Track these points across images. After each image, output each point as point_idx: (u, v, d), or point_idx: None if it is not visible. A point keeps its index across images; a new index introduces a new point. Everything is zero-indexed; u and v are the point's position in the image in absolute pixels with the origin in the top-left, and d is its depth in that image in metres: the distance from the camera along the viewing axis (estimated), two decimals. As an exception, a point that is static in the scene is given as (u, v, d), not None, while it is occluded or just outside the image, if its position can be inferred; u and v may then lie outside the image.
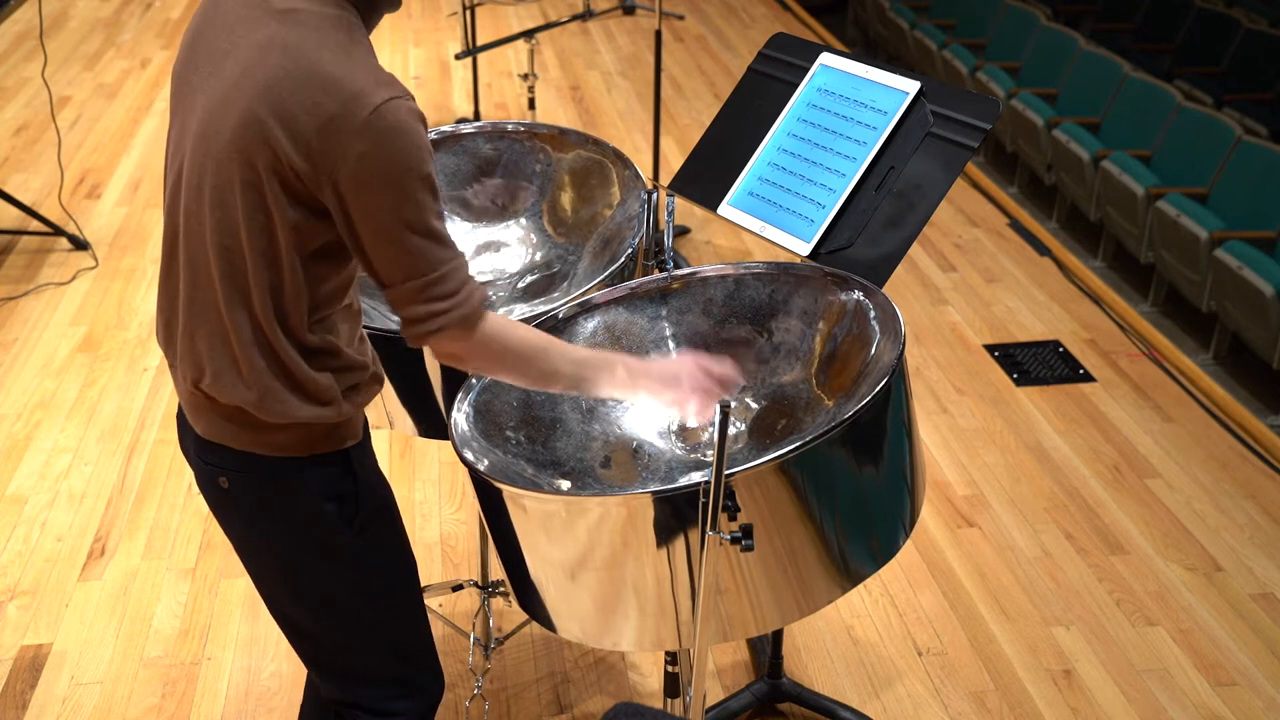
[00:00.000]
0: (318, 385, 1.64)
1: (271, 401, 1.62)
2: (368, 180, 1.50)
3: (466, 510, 3.21)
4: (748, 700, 2.55)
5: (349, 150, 1.49)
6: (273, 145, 1.50)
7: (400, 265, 1.56)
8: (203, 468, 1.73)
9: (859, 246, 2.09)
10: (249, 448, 1.67)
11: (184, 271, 1.65)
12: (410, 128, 1.51)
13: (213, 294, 1.61)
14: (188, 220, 1.62)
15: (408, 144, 1.51)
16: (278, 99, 1.50)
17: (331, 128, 1.49)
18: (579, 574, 1.68)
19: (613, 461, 1.96)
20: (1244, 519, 3.23)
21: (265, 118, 1.50)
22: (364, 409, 1.76)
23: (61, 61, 6.55)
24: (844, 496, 1.69)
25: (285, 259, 1.57)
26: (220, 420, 1.67)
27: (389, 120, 1.49)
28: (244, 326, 1.60)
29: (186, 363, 1.67)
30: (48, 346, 3.91)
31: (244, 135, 1.52)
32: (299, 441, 1.67)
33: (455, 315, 1.59)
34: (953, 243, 4.79)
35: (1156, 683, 2.70)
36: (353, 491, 1.73)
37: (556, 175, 2.44)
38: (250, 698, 2.63)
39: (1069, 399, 3.75)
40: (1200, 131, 5.06)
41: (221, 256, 1.59)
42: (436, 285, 1.57)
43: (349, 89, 1.49)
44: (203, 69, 1.61)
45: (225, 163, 1.54)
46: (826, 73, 2.26)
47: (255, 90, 1.51)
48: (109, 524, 3.13)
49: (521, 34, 4.45)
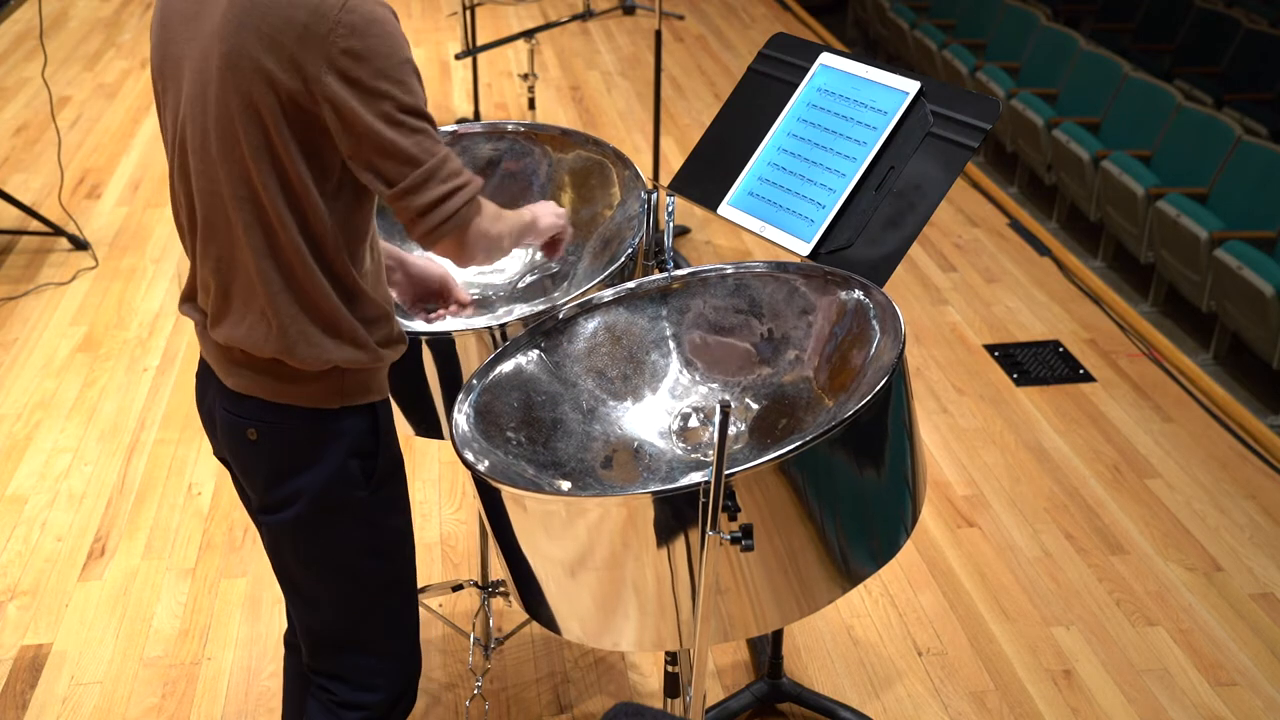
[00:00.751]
0: (353, 325, 1.68)
1: (305, 346, 1.66)
2: (357, 74, 1.54)
3: (466, 510, 3.21)
4: (748, 700, 2.55)
5: (330, 52, 1.53)
6: (263, 75, 1.54)
7: (405, 155, 1.58)
8: (230, 420, 1.76)
9: (859, 246, 2.09)
10: (282, 399, 1.71)
11: (203, 233, 1.68)
12: (381, 15, 1.56)
13: (240, 250, 1.64)
14: (200, 181, 1.65)
15: (383, 31, 1.55)
16: (253, 29, 1.54)
17: (307, 36, 1.52)
18: (579, 574, 1.68)
19: (613, 462, 1.96)
20: (1244, 519, 3.23)
21: (251, 50, 1.54)
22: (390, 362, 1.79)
23: (61, 61, 6.55)
24: (844, 496, 1.69)
25: (304, 196, 1.60)
26: (254, 373, 1.71)
27: (359, 13, 1.53)
28: (273, 275, 1.63)
29: (220, 321, 1.71)
30: (48, 346, 3.91)
31: (234, 77, 1.55)
32: (332, 391, 1.71)
33: (472, 189, 1.65)
34: (953, 243, 4.79)
35: (1156, 683, 2.70)
36: (374, 448, 1.77)
37: (556, 175, 2.44)
38: (250, 698, 2.63)
39: (1069, 399, 3.75)
40: (1200, 131, 5.06)
41: (241, 208, 1.62)
42: (446, 164, 1.62)
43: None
44: (180, 37, 1.64)
45: (224, 111, 1.58)
46: (826, 73, 2.26)
47: (231, 32, 1.55)
48: (109, 524, 3.13)
49: (521, 34, 4.45)
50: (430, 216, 1.63)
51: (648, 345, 2.09)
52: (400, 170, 1.59)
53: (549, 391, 1.99)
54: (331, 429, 1.74)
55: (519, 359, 1.99)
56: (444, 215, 1.63)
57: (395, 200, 1.61)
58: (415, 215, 1.62)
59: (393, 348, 1.77)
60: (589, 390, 2.03)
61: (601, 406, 2.02)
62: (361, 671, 1.90)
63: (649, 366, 2.08)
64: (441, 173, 1.61)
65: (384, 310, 1.75)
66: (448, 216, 1.63)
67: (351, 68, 1.53)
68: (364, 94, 1.54)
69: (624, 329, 2.09)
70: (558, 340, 2.04)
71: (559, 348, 2.03)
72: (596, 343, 2.07)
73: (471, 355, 2.04)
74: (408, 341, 1.82)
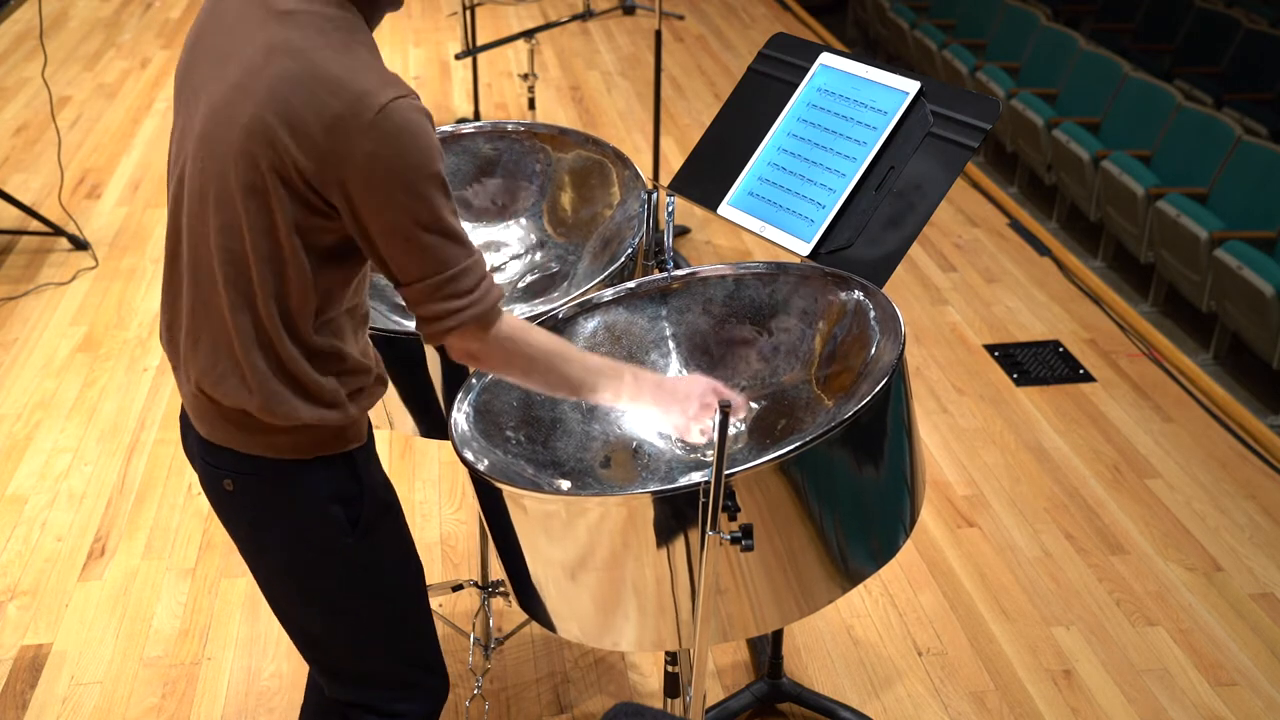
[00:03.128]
0: (321, 388, 1.64)
1: (275, 404, 1.62)
2: (377, 181, 1.50)
3: (466, 510, 3.21)
4: (748, 700, 2.55)
5: (356, 150, 1.48)
6: (278, 148, 1.50)
7: (415, 263, 1.55)
8: (207, 469, 1.73)
9: (859, 246, 2.09)
10: (253, 450, 1.67)
11: (187, 275, 1.64)
12: (417, 126, 1.50)
13: (216, 297, 1.61)
14: (191, 222, 1.62)
15: (415, 143, 1.50)
16: (282, 101, 1.49)
17: (338, 127, 1.48)
18: (579, 574, 1.68)
19: (613, 461, 1.96)
20: (1244, 519, 3.23)
21: (270, 121, 1.50)
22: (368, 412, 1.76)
23: (61, 61, 6.55)
24: (844, 496, 1.69)
25: (290, 262, 1.57)
26: (224, 423, 1.67)
27: (396, 120, 1.48)
28: (247, 330, 1.60)
29: (190, 366, 1.67)
30: (48, 346, 3.91)
31: (248, 139, 1.51)
32: (303, 444, 1.67)
33: (472, 313, 1.59)
34: (953, 243, 4.79)
35: (1156, 683, 2.70)
36: (357, 494, 1.73)
37: (556, 175, 2.44)
38: (250, 698, 2.63)
39: (1069, 399, 3.75)
40: (1200, 131, 5.06)
41: (225, 260, 1.58)
42: (452, 283, 1.57)
43: (354, 89, 1.49)
44: (204, 70, 1.60)
45: (229, 166, 1.54)
46: (826, 73, 2.26)
47: (259, 94, 1.51)
48: (109, 524, 3.13)
49: (521, 34, 4.46)
50: (424, 327, 1.61)
51: (648, 345, 2.09)
52: (406, 273, 1.56)
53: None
54: (308, 478, 1.69)
55: (519, 359, 1.99)
56: (435, 330, 1.60)
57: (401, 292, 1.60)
58: (420, 319, 1.61)
59: (367, 397, 1.73)
60: (589, 390, 2.02)
61: (601, 406, 2.02)
62: (384, 700, 1.86)
63: (649, 366, 2.08)
64: (443, 290, 1.57)
65: (360, 364, 1.70)
66: (439, 332, 1.60)
67: (374, 172, 1.49)
68: (381, 200, 1.50)
69: (624, 329, 2.09)
70: (558, 340, 2.04)
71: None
72: (596, 342, 2.07)
73: (471, 355, 2.03)
74: (388, 383, 1.79)
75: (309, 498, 1.70)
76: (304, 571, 1.76)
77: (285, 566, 1.76)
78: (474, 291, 1.59)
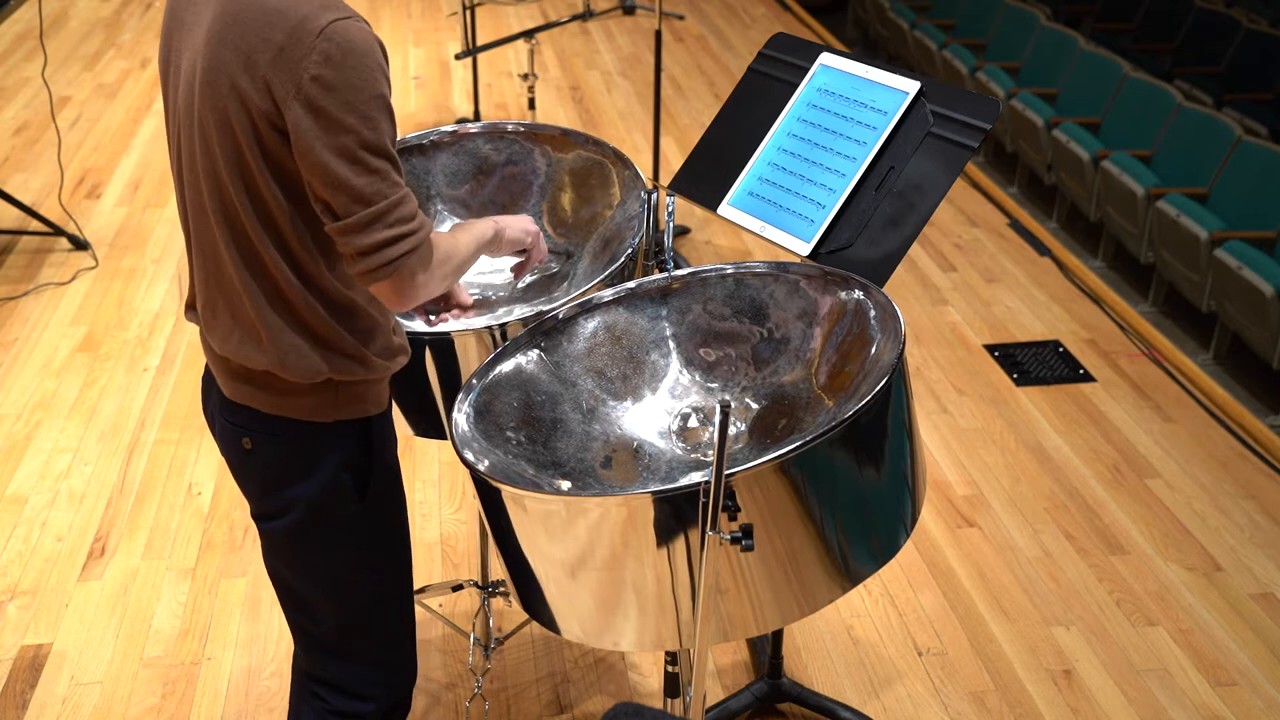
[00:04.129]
0: (342, 338, 1.67)
1: (295, 360, 1.65)
2: (322, 103, 1.50)
3: (466, 510, 3.21)
4: (748, 700, 2.55)
5: (301, 76, 1.49)
6: (237, 93, 1.52)
7: (355, 192, 1.54)
8: (228, 427, 1.76)
9: (859, 246, 2.08)
10: (275, 410, 1.70)
11: (195, 246, 1.68)
12: (360, 45, 1.51)
13: (223, 263, 1.64)
14: (189, 193, 1.65)
15: (358, 63, 1.50)
16: (232, 45, 1.52)
17: (283, 57, 1.50)
18: (579, 574, 1.68)
19: (613, 461, 1.96)
20: (1244, 519, 3.23)
21: (224, 67, 1.53)
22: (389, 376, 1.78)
23: (61, 61, 6.55)
24: (844, 496, 1.69)
25: (279, 210, 1.58)
26: (248, 384, 1.70)
27: (337, 40, 1.49)
28: (256, 289, 1.62)
29: (213, 333, 1.71)
30: (48, 346, 3.91)
31: (210, 93, 1.54)
32: (325, 405, 1.70)
33: (419, 237, 1.59)
34: (953, 243, 4.79)
35: (1156, 683, 2.70)
36: (366, 462, 1.77)
37: (556, 175, 2.44)
38: (250, 698, 2.63)
39: (1069, 399, 3.75)
40: (1200, 131, 5.06)
41: (223, 223, 1.61)
42: (398, 208, 1.57)
43: (295, 16, 1.50)
44: (179, 45, 1.64)
45: (203, 126, 1.57)
46: (826, 73, 2.26)
47: (212, 45, 1.54)
48: (109, 524, 3.13)
49: (521, 34, 4.45)
50: (369, 258, 1.57)
51: (648, 345, 2.09)
52: (348, 207, 1.54)
53: (549, 391, 1.99)
54: (325, 442, 1.73)
55: (519, 359, 1.99)
56: (383, 260, 1.57)
57: (338, 234, 1.57)
58: (355, 253, 1.58)
59: (392, 359, 1.76)
60: (589, 390, 2.03)
61: (601, 406, 2.02)
62: (355, 681, 1.90)
63: (649, 366, 2.08)
64: (389, 216, 1.56)
65: (378, 321, 1.73)
66: (386, 262, 1.57)
67: (318, 96, 1.49)
68: (326, 124, 1.50)
69: (624, 329, 2.09)
70: (558, 340, 2.04)
71: (559, 347, 2.03)
72: (596, 343, 2.07)
73: (471, 355, 2.04)
74: (410, 352, 1.81)
75: (325, 460, 1.73)
76: (307, 534, 1.78)
77: (290, 529, 1.78)
78: (416, 218, 1.59)
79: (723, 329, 2.09)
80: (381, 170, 1.55)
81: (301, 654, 1.94)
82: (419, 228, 1.60)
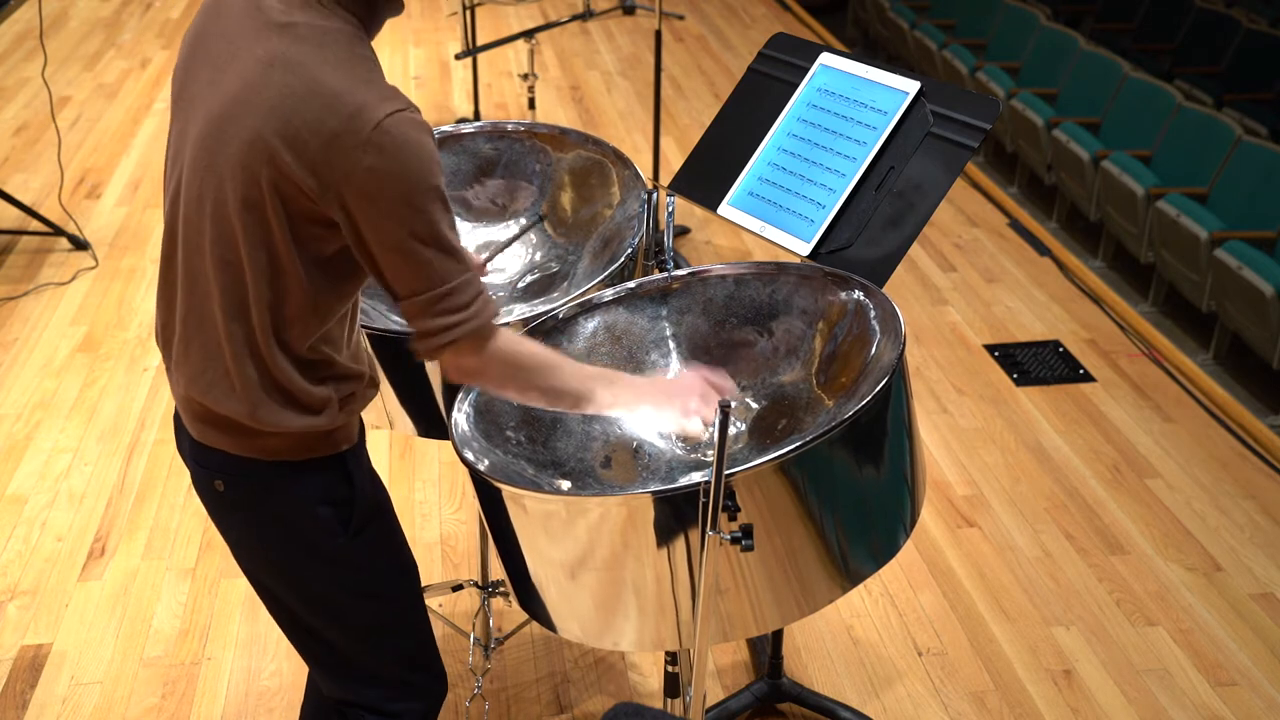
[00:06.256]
0: (312, 397, 1.64)
1: (264, 413, 1.62)
2: (375, 195, 1.49)
3: (466, 510, 3.21)
4: (748, 700, 2.55)
5: (355, 165, 1.48)
6: (277, 163, 1.50)
7: (412, 277, 1.55)
8: (198, 471, 1.73)
9: (859, 246, 2.09)
10: (243, 452, 1.67)
11: (182, 281, 1.65)
12: (416, 140, 1.50)
13: (210, 306, 1.61)
14: (187, 230, 1.62)
15: (414, 156, 1.50)
16: (281, 118, 1.49)
17: (336, 144, 1.48)
18: (579, 574, 1.68)
19: (613, 461, 1.96)
20: (1244, 519, 3.23)
21: (269, 138, 1.50)
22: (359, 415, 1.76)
23: (61, 61, 6.55)
24: (844, 496, 1.69)
25: (289, 274, 1.57)
26: (214, 427, 1.67)
27: (394, 134, 1.48)
28: (239, 340, 1.60)
29: (181, 371, 1.68)
30: (48, 346, 3.91)
31: (247, 154, 1.51)
32: (294, 446, 1.67)
33: (468, 328, 1.59)
34: (953, 243, 4.79)
35: (1156, 683, 2.70)
36: (348, 496, 1.74)
37: (556, 175, 2.44)
38: (250, 698, 2.63)
39: (1069, 399, 3.75)
40: (1200, 131, 5.06)
41: (221, 270, 1.58)
42: (448, 298, 1.57)
43: (352, 104, 1.48)
44: (203, 77, 1.60)
45: (226, 179, 1.54)
46: (826, 73, 2.26)
47: (258, 109, 1.51)
48: (109, 524, 3.13)
49: (521, 34, 4.45)
50: (421, 342, 1.60)
51: (648, 345, 2.09)
52: (402, 287, 1.56)
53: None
54: (298, 481, 1.70)
55: (519, 359, 1.99)
56: (433, 345, 1.59)
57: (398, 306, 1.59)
58: (417, 334, 1.60)
59: (360, 401, 1.73)
60: (589, 390, 2.02)
61: (601, 406, 2.02)
62: (379, 700, 1.87)
63: (649, 366, 2.08)
64: (439, 305, 1.56)
65: (353, 371, 1.71)
66: (437, 346, 1.59)
67: (372, 186, 1.49)
68: (379, 214, 1.50)
69: (624, 329, 2.09)
70: (558, 340, 2.04)
71: (559, 347, 2.03)
72: (596, 342, 2.07)
73: (471, 355, 2.03)
74: (379, 387, 1.79)
75: (299, 499, 1.70)
76: (296, 572, 1.76)
77: (277, 567, 1.77)
78: (470, 306, 1.59)
79: (723, 329, 2.09)
80: (430, 260, 1.54)
81: (320, 681, 1.91)
82: (467, 319, 1.58)
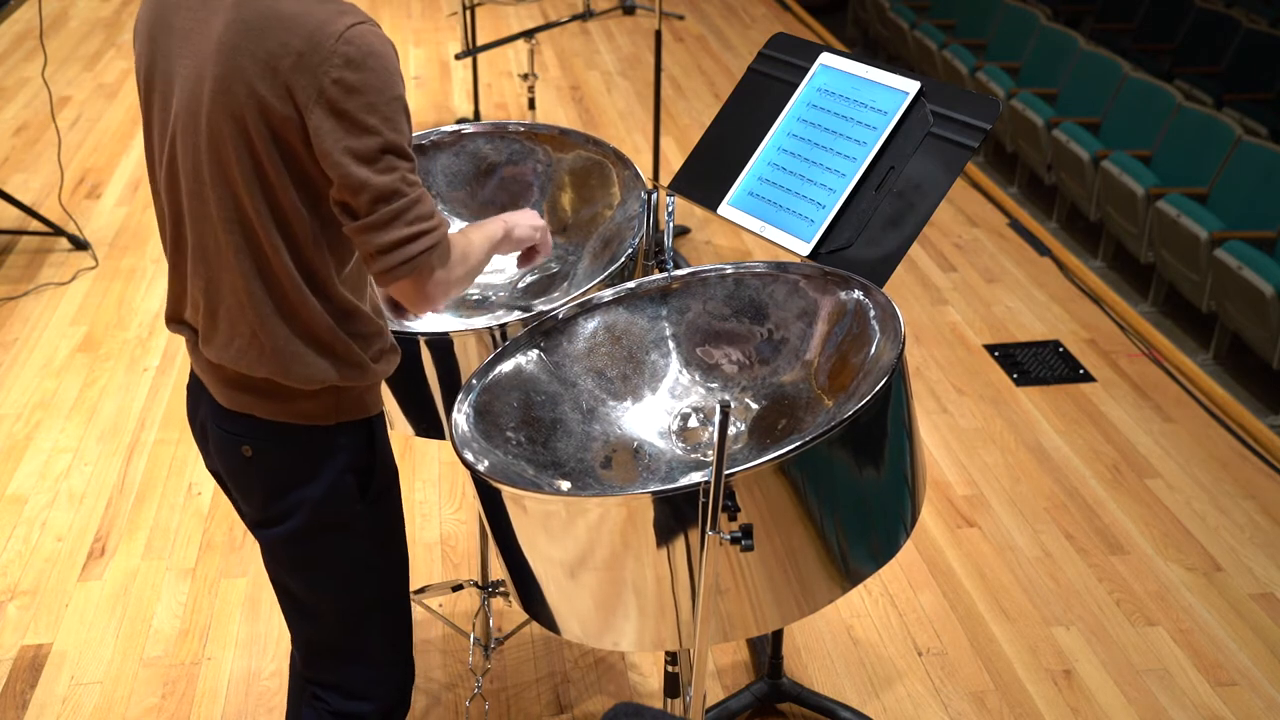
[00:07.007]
0: (346, 344, 1.67)
1: (299, 367, 1.65)
2: (344, 106, 1.52)
3: (466, 510, 3.21)
4: (748, 700, 2.55)
5: (322, 81, 1.51)
6: (256, 100, 1.53)
7: (375, 191, 1.55)
8: (224, 436, 1.75)
9: (859, 246, 2.09)
10: (275, 416, 1.70)
11: (194, 256, 1.67)
12: (380, 50, 1.54)
13: (228, 271, 1.63)
14: (191, 202, 1.64)
15: (377, 65, 1.53)
16: (249, 54, 1.52)
17: (302, 63, 1.51)
18: (579, 574, 1.68)
19: (613, 462, 1.96)
20: (1244, 519, 3.23)
21: (242, 75, 1.53)
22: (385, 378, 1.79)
23: (61, 61, 6.55)
24: (844, 496, 1.69)
25: (297, 217, 1.59)
26: (247, 392, 1.70)
27: (357, 44, 1.52)
28: (263, 298, 1.63)
29: (209, 345, 1.70)
30: (48, 346, 3.91)
31: (226, 101, 1.54)
32: (327, 409, 1.70)
33: (437, 235, 1.61)
34: (953, 243, 4.79)
35: (1156, 683, 2.70)
36: (370, 463, 1.78)
37: (556, 175, 2.44)
38: (250, 698, 2.63)
39: (1069, 399, 3.75)
40: (1200, 131, 5.06)
41: (231, 230, 1.61)
42: (416, 206, 1.59)
43: (311, 22, 1.52)
44: (174, 52, 1.62)
45: (215, 134, 1.57)
46: (826, 73, 2.26)
47: (226, 53, 1.54)
48: (109, 524, 3.13)
49: (521, 34, 4.46)
50: (389, 256, 1.59)
51: (647, 345, 2.09)
52: (368, 206, 1.56)
53: (549, 391, 1.99)
54: (328, 445, 1.73)
55: (519, 359, 1.99)
56: (403, 257, 1.59)
57: (357, 234, 1.58)
58: (374, 252, 1.59)
59: (386, 361, 1.76)
60: (589, 390, 2.03)
61: (601, 406, 2.02)
62: (355, 681, 1.90)
63: (649, 366, 2.08)
64: (408, 214, 1.58)
65: (377, 325, 1.74)
66: (406, 259, 1.59)
67: (340, 98, 1.51)
68: (348, 126, 1.52)
69: (624, 329, 2.09)
70: (558, 340, 2.04)
71: (559, 348, 2.03)
72: (596, 343, 2.07)
73: (471, 355, 2.04)
74: (400, 353, 1.82)
75: (329, 463, 1.73)
76: (309, 537, 1.78)
77: (293, 532, 1.78)
78: (434, 216, 1.61)
79: (723, 329, 2.09)
80: (401, 170, 1.57)
81: (300, 657, 1.95)
82: (437, 225, 1.61)
